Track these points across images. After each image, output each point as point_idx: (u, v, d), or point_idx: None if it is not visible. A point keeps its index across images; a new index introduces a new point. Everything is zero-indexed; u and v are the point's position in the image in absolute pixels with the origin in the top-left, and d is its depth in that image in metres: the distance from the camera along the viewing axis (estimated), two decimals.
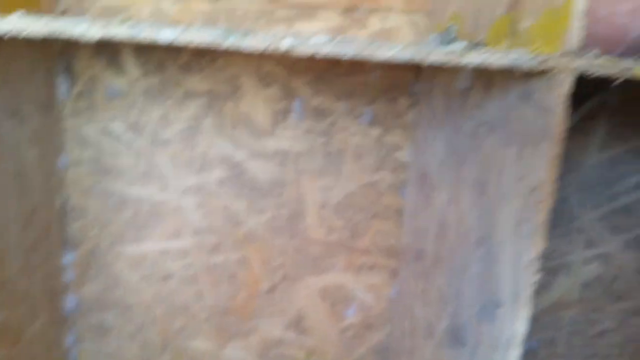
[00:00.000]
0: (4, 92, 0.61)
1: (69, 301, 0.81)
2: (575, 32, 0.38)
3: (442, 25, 0.63)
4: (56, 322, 0.78)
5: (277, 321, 0.83)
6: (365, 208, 0.78)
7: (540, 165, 0.40)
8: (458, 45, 0.44)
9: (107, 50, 0.72)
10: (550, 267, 0.75)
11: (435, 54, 0.39)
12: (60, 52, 0.72)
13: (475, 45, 0.47)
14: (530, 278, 0.41)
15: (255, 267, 0.80)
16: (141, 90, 0.73)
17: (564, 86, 0.38)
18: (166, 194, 0.78)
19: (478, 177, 0.52)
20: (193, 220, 0.78)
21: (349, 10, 0.70)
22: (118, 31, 0.40)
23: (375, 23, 0.70)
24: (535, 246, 0.41)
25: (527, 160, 0.43)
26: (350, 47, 0.39)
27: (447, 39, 0.62)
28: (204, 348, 0.84)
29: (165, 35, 0.39)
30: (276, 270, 0.81)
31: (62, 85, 0.73)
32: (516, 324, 0.43)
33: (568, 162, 0.71)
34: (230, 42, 0.39)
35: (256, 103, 0.74)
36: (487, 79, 0.50)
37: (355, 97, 0.74)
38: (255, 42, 0.39)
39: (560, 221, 0.73)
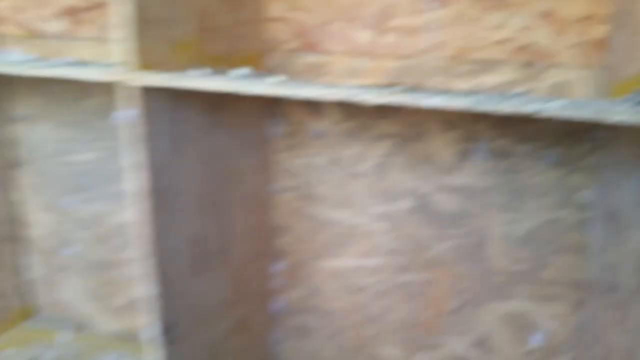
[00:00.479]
0: (235, 131, 0.87)
1: (277, 304, 1.09)
2: None
3: (623, 83, 0.73)
4: (266, 321, 1.06)
5: (462, 339, 1.01)
6: (548, 242, 0.91)
7: None
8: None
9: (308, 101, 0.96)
10: None
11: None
12: (272, 100, 0.97)
13: None
14: None
15: (442, 288, 0.99)
16: (340, 131, 0.96)
17: None
18: (360, 219, 1.00)
19: None
20: (383, 242, 0.99)
21: (527, 65, 0.83)
22: (322, 92, 0.60)
23: (553, 75, 0.82)
24: None
25: None
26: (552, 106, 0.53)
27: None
28: (393, 356, 1.06)
29: (365, 97, 0.58)
30: (461, 292, 0.99)
31: (273, 127, 0.99)
32: None
33: None
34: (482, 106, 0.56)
35: (440, 144, 0.91)
36: None
37: (537, 140, 0.86)
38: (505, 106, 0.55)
39: None
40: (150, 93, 0.70)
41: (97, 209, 1.14)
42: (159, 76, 0.67)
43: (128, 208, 1.00)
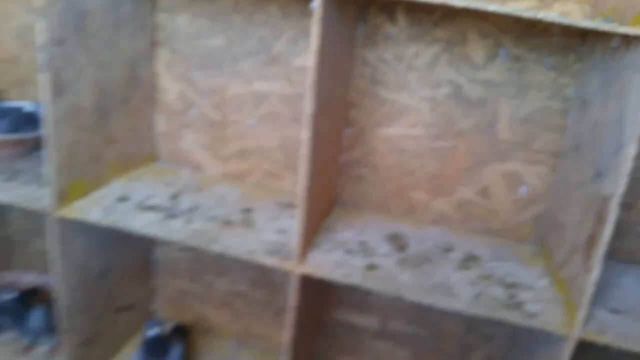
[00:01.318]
0: (345, 28, 1.22)
1: (343, 158, 1.49)
2: None
3: (603, 14, 1.14)
4: (336, 169, 1.45)
5: (471, 189, 1.44)
6: (540, 123, 1.33)
7: None
8: (614, 24, 0.95)
9: (388, 9, 1.33)
10: None
11: (602, 26, 0.92)
12: (361, 8, 1.34)
13: (622, 25, 0.98)
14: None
15: (461, 152, 1.41)
16: (405, 35, 1.34)
17: None
18: (411, 100, 1.40)
19: (618, 94, 1.05)
20: (425, 117, 1.39)
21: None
22: None
23: (558, 7, 1.22)
24: None
25: None
26: (548, 16, 0.93)
27: (607, 21, 1.13)
28: (421, 199, 1.48)
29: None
30: (474, 156, 1.40)
31: (359, 28, 1.37)
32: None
33: None
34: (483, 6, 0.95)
35: (476, 48, 1.31)
36: (628, 42, 1.01)
37: (541, 50, 1.27)
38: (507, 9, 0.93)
39: None
40: None
41: (217, 82, 1.50)
42: None
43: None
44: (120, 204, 1.28)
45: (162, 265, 1.69)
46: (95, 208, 1.24)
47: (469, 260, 1.28)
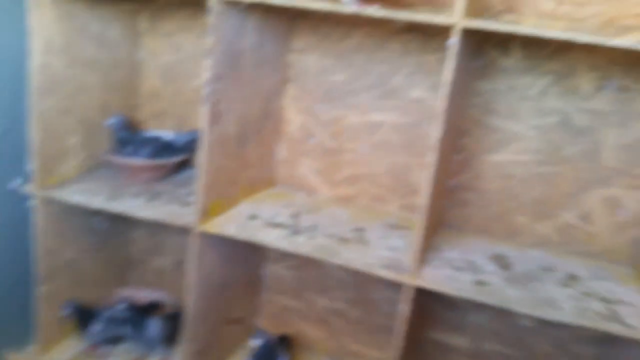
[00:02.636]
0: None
1: (451, 182, 1.53)
2: None
3: None
4: (445, 193, 1.48)
5: (573, 213, 1.45)
6: None
7: None
8: None
9: (503, 43, 1.37)
10: None
11: None
12: (478, 42, 1.38)
13: None
14: None
15: (566, 177, 1.42)
16: (518, 67, 1.39)
17: None
18: (520, 127, 1.42)
19: None
20: (532, 144, 1.42)
21: None
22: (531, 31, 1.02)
23: None
24: None
25: None
26: None
27: None
28: (523, 222, 1.49)
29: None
30: (578, 181, 1.42)
31: (474, 61, 1.42)
32: None
33: None
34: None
35: (584, 80, 1.34)
36: None
37: None
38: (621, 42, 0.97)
39: None
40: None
41: (336, 114, 1.58)
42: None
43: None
44: (251, 222, 1.37)
45: (269, 281, 1.76)
46: (230, 224, 1.34)
47: (570, 279, 1.29)
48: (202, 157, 1.24)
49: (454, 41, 1.03)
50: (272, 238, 1.27)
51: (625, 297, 1.21)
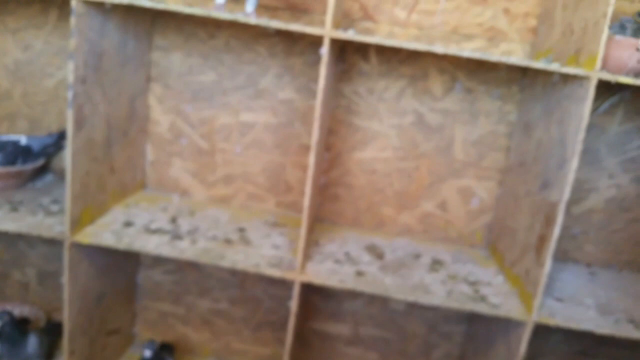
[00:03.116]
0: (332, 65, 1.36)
1: (322, 179, 1.61)
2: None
3: (543, 53, 1.34)
4: (316, 191, 1.57)
5: (431, 203, 1.61)
6: (488, 144, 1.52)
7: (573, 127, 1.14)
8: (556, 64, 1.14)
9: (361, 49, 1.48)
10: (585, 188, 1.48)
11: (550, 66, 1.10)
12: (340, 48, 1.48)
13: (560, 63, 1.17)
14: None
15: (423, 171, 1.57)
16: (376, 71, 1.50)
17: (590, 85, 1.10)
18: (381, 127, 1.55)
19: (559, 119, 1.25)
20: (392, 142, 1.55)
21: (491, 39, 1.42)
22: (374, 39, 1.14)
23: (503, 46, 1.42)
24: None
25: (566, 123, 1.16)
26: (493, 57, 1.11)
27: (549, 61, 1.34)
28: (389, 213, 1.63)
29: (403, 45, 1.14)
30: (434, 174, 1.57)
31: (339, 65, 1.51)
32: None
33: (600, 130, 1.42)
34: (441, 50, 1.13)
35: (435, 83, 1.49)
36: (566, 78, 1.21)
37: (490, 84, 1.47)
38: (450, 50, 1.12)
39: (592, 162, 1.45)
40: None
41: (206, 114, 1.59)
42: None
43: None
44: (128, 229, 1.32)
45: (145, 288, 1.71)
46: (106, 233, 1.28)
47: (436, 264, 1.42)
48: (68, 163, 1.18)
49: (325, 51, 1.08)
50: (152, 245, 1.24)
51: (486, 278, 1.36)
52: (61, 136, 1.54)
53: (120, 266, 1.52)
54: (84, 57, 1.15)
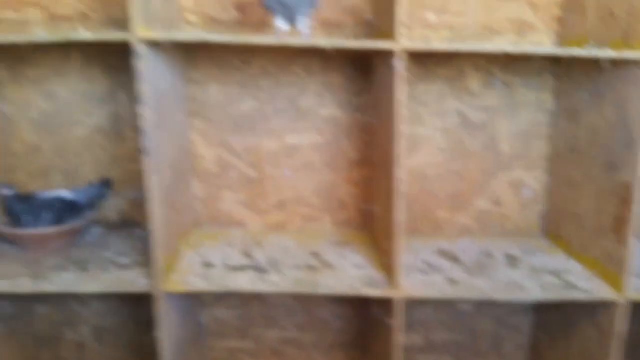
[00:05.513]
0: None
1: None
2: None
3: (579, 42, 1.38)
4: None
5: (485, 200, 1.62)
6: (532, 134, 1.55)
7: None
8: (608, 51, 1.18)
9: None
10: None
11: (605, 54, 1.14)
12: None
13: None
14: None
15: (473, 170, 1.58)
16: (414, 76, 1.48)
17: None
18: (425, 130, 1.55)
19: (616, 103, 1.28)
20: (440, 144, 1.53)
21: (519, 32, 1.46)
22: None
23: (532, 37, 1.46)
24: None
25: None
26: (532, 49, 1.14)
27: (594, 47, 1.37)
28: (445, 216, 1.62)
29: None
30: (484, 171, 1.59)
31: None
32: None
33: None
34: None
35: (473, 80, 1.50)
36: (617, 63, 1.23)
37: (524, 75, 1.50)
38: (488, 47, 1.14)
39: None
40: None
41: (251, 142, 1.55)
42: None
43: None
44: (210, 270, 1.29)
45: (210, 327, 1.67)
46: (192, 278, 1.24)
47: (511, 259, 1.43)
48: (152, 213, 1.14)
49: (399, 64, 1.09)
50: (245, 283, 1.21)
51: (560, 265, 1.38)
52: (104, 185, 1.48)
53: (190, 309, 1.48)
54: (151, 100, 1.11)
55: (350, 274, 1.28)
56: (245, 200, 1.56)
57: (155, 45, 1.11)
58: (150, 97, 1.10)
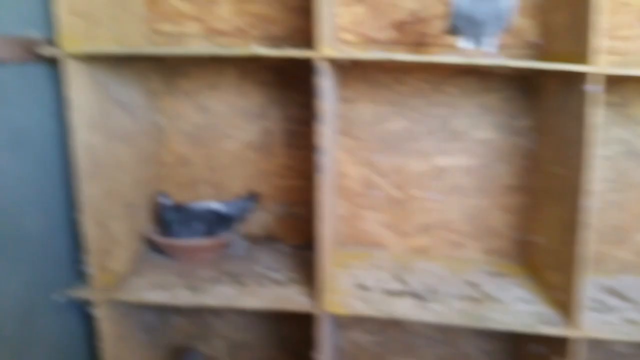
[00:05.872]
0: None
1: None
2: None
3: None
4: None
5: None
6: None
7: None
8: None
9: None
10: None
11: None
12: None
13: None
14: None
15: (635, 201, 1.45)
16: None
17: None
18: None
19: None
20: (603, 173, 1.42)
21: None
22: None
23: None
24: None
25: None
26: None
27: None
28: (604, 250, 1.48)
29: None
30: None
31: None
32: None
33: None
34: None
35: (638, 108, 1.38)
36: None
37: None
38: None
39: None
40: None
41: (396, 162, 1.50)
42: None
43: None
44: (367, 293, 1.26)
45: (345, 351, 1.62)
46: (352, 300, 1.22)
47: None
48: (322, 232, 1.11)
49: (596, 88, 1.01)
50: (409, 311, 1.17)
51: None
52: (252, 199, 1.48)
53: (334, 331, 1.45)
54: (331, 118, 1.09)
55: (517, 308, 1.21)
56: (388, 221, 1.52)
57: (333, 62, 1.09)
58: (327, 115, 1.07)
